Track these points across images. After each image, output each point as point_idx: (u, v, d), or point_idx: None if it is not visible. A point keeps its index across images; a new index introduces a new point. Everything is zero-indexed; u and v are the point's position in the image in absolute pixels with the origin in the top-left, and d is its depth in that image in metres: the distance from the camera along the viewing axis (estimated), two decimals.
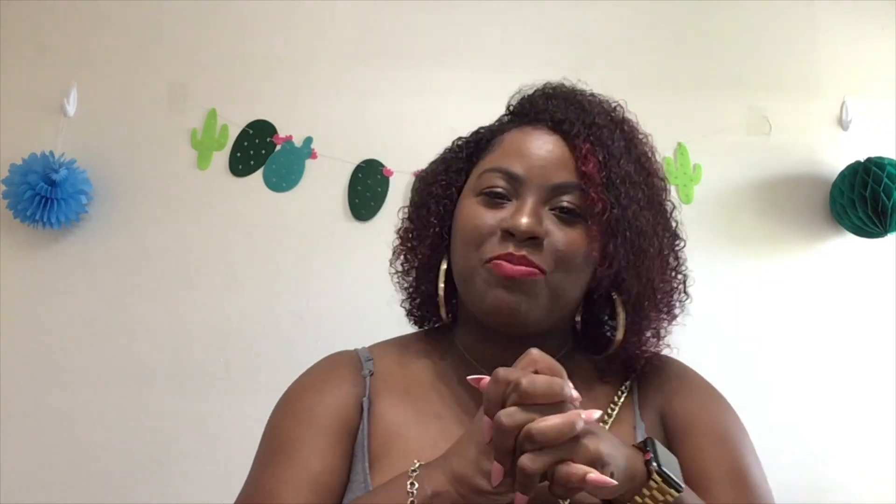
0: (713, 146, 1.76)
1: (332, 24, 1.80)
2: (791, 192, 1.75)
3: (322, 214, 1.71)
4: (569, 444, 0.55)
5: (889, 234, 1.64)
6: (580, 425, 0.55)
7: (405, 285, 0.86)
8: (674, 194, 0.84)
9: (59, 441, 1.60)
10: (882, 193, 1.57)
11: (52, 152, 1.65)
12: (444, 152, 0.85)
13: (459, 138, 0.85)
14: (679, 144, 1.75)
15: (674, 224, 0.81)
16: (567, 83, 0.82)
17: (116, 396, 1.62)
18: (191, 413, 1.61)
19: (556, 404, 0.57)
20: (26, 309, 1.66)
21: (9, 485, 1.57)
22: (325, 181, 1.72)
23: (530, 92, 0.83)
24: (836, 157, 1.74)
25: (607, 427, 0.74)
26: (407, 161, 1.70)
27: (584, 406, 0.69)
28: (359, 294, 1.66)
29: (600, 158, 0.72)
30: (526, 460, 0.54)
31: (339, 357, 0.83)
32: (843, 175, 1.68)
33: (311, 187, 1.72)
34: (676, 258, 0.80)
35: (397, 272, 0.86)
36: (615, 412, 0.76)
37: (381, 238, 1.82)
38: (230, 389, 1.62)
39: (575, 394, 0.58)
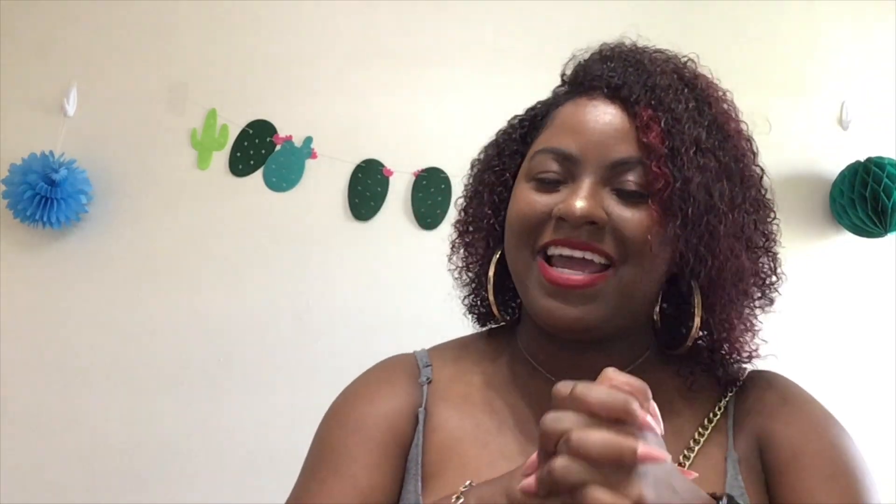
0: None
1: (332, 24, 1.80)
2: (791, 192, 1.75)
3: (322, 214, 1.71)
4: (611, 471, 0.45)
5: (889, 234, 1.64)
6: (631, 451, 0.44)
7: (465, 281, 0.78)
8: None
9: (60, 441, 1.60)
10: (882, 193, 1.57)
11: (52, 152, 1.65)
12: (498, 134, 0.75)
13: (515, 116, 0.75)
14: None
15: (763, 192, 0.70)
16: (627, 41, 0.72)
17: (116, 396, 1.62)
18: (191, 413, 1.61)
19: (621, 424, 0.45)
20: (26, 309, 1.66)
21: (9, 485, 1.57)
22: (325, 181, 1.72)
23: (586, 56, 0.72)
24: (836, 157, 1.74)
25: (693, 455, 0.64)
26: (407, 161, 1.71)
27: (666, 430, 0.58)
28: (359, 294, 1.66)
29: (663, 125, 0.62)
30: (557, 463, 0.45)
31: (395, 362, 0.76)
32: (843, 175, 1.68)
33: (311, 187, 1.72)
34: (764, 234, 0.70)
35: (457, 267, 0.77)
36: (704, 437, 0.65)
37: (381, 238, 1.83)
38: (230, 389, 1.62)
39: (649, 420, 0.47)
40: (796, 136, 1.77)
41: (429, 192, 1.70)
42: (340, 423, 0.70)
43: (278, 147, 1.74)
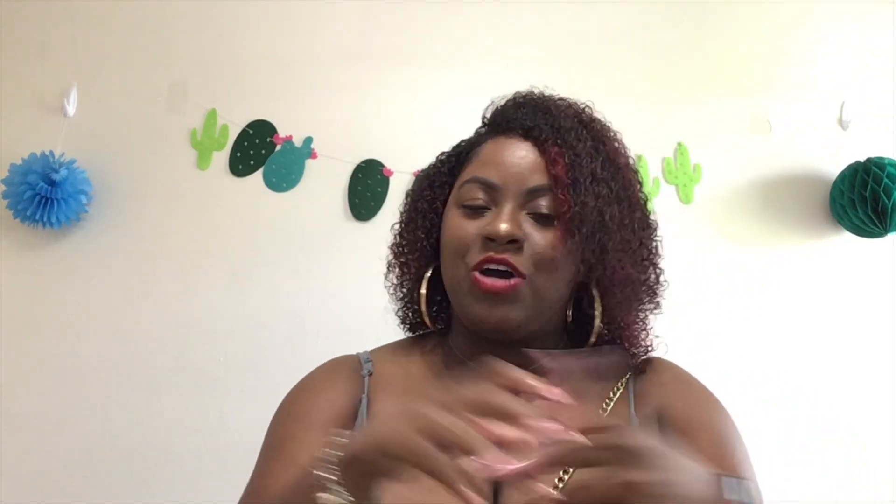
0: (713, 146, 1.76)
1: (332, 24, 1.80)
2: (791, 192, 1.75)
3: (322, 214, 1.71)
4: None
5: (889, 234, 1.64)
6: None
7: (399, 296, 0.90)
8: (673, 194, 0.86)
9: (59, 441, 1.60)
10: (882, 193, 1.57)
11: (52, 152, 1.65)
12: (429, 167, 0.90)
13: (443, 153, 0.90)
14: (679, 144, 1.75)
15: (647, 214, 0.84)
16: (536, 90, 0.86)
17: (116, 396, 1.62)
18: (191, 413, 1.61)
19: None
20: (26, 309, 1.66)
21: (9, 485, 1.57)
22: (325, 181, 1.72)
23: (502, 103, 0.87)
24: (836, 157, 1.74)
25: None
26: (407, 161, 1.70)
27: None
28: (359, 294, 1.66)
29: (567, 160, 0.76)
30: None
31: (338, 360, 0.87)
32: (843, 175, 1.68)
33: (311, 187, 1.72)
34: (648, 249, 0.83)
35: (392, 284, 0.90)
36: (610, 407, 0.78)
37: (381, 238, 1.82)
38: (230, 389, 1.62)
39: (557, 397, 0.55)
40: (796, 137, 1.77)
41: None
42: (286, 415, 0.81)
43: (278, 147, 1.74)
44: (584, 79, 1.79)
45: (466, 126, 0.88)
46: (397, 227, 0.91)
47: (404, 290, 0.89)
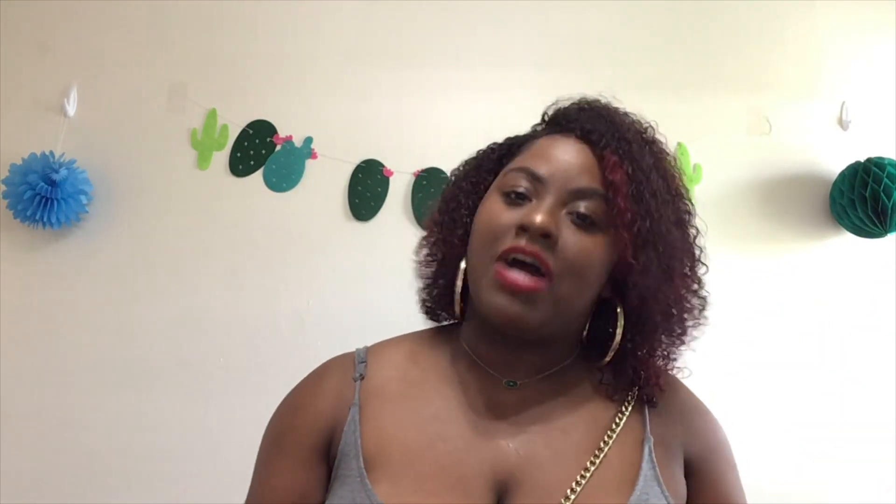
0: (713, 146, 1.76)
1: (332, 24, 1.80)
2: (791, 192, 1.75)
3: (322, 214, 1.71)
4: None
5: (889, 234, 1.64)
6: None
7: (425, 276, 0.87)
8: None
9: (59, 441, 1.60)
10: (882, 193, 1.57)
11: (52, 152, 1.65)
12: (477, 153, 0.87)
13: (493, 143, 0.86)
14: (679, 144, 1.75)
15: (698, 251, 0.80)
16: (602, 99, 0.83)
17: (116, 396, 1.62)
18: (191, 413, 1.61)
19: None
20: (26, 309, 1.66)
21: (9, 485, 1.58)
22: (325, 181, 1.72)
23: (566, 104, 0.84)
24: (836, 157, 1.74)
25: (613, 437, 0.74)
26: (407, 161, 1.71)
27: (583, 420, 0.75)
28: (359, 294, 1.66)
29: (628, 171, 0.73)
30: None
31: (328, 364, 0.85)
32: (843, 175, 1.68)
33: (311, 187, 1.72)
34: (699, 283, 0.79)
35: (423, 261, 0.87)
36: (622, 422, 0.76)
37: (381, 238, 1.83)
38: (230, 389, 1.62)
39: None
40: (796, 137, 1.77)
41: (429, 192, 1.70)
42: (268, 432, 0.80)
43: (278, 147, 1.74)
44: (583, 79, 1.78)
45: (466, 125, 0.88)
46: (439, 204, 0.87)
47: (431, 270, 0.85)
